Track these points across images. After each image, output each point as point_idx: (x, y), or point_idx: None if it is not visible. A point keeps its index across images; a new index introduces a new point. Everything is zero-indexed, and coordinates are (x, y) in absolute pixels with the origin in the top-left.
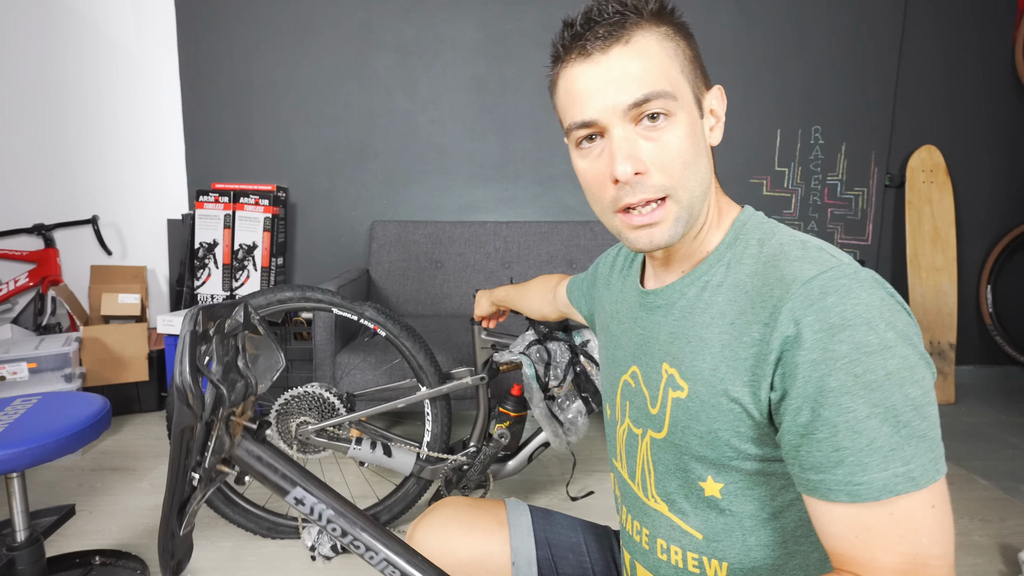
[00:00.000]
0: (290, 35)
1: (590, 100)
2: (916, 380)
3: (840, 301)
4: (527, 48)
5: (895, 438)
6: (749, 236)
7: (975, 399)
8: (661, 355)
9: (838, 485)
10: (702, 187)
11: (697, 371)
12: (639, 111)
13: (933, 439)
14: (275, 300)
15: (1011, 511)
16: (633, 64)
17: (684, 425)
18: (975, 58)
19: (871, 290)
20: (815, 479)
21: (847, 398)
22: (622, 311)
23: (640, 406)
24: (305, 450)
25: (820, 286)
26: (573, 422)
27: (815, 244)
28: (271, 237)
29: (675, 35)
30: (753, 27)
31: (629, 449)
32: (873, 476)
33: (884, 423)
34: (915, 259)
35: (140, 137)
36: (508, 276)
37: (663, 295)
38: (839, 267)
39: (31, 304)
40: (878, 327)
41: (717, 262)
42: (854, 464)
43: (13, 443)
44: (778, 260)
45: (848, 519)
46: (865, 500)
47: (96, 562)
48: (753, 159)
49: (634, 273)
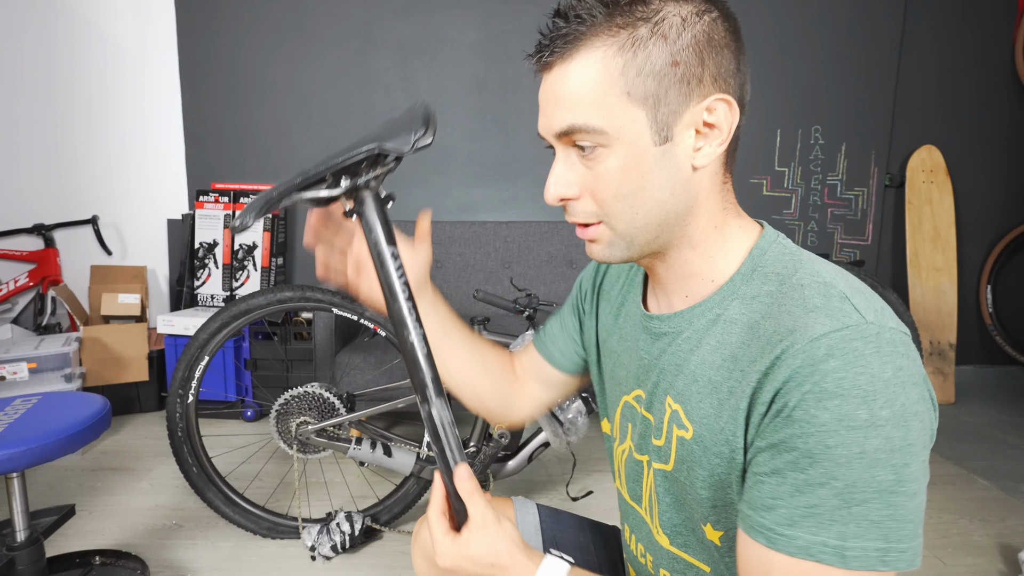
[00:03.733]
0: (290, 35)
1: (540, 114)
2: (893, 464)
3: (842, 367)
4: (527, 48)
5: (840, 512)
6: (768, 269)
7: (975, 399)
8: (666, 387)
9: (761, 526)
10: (647, 218)
11: (703, 415)
12: (568, 139)
13: (890, 530)
14: (275, 300)
15: (1011, 511)
16: (567, 86)
17: (689, 465)
18: (975, 58)
19: (886, 358)
20: (746, 511)
21: (807, 461)
22: (624, 327)
23: (643, 433)
24: (305, 450)
25: (827, 346)
26: (573, 422)
27: (839, 291)
28: (271, 237)
29: (646, 41)
30: (753, 27)
31: (630, 473)
32: (797, 533)
33: (835, 496)
34: (915, 259)
35: (140, 137)
36: (508, 276)
37: (669, 323)
38: (858, 326)
39: (31, 304)
40: (875, 403)
41: (731, 295)
42: (785, 516)
43: (13, 443)
44: (794, 307)
45: (758, 562)
46: (779, 550)
47: (96, 562)
48: (753, 159)
49: (636, 288)
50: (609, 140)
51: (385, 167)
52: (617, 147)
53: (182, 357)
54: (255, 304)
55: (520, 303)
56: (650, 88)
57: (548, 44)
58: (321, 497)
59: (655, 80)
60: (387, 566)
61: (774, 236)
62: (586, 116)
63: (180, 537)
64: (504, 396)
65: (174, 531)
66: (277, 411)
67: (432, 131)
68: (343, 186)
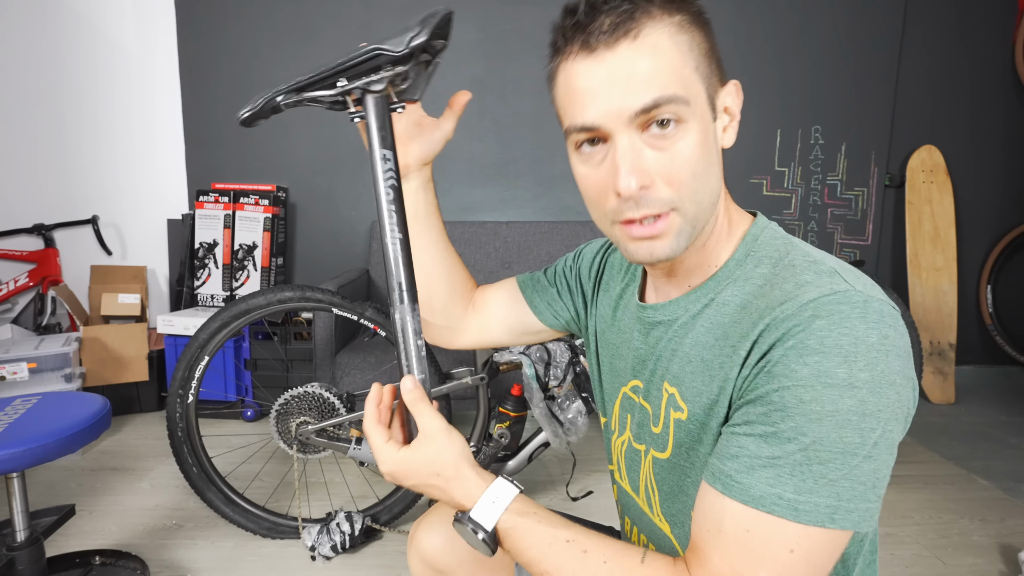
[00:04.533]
0: (290, 35)
1: (592, 102)
2: (861, 428)
3: (827, 326)
4: (527, 48)
5: (801, 468)
6: (761, 253)
7: (975, 399)
8: (662, 372)
9: (721, 472)
10: (711, 198)
11: (696, 393)
12: (647, 117)
13: (843, 489)
14: (275, 300)
15: (1011, 511)
16: (642, 63)
17: (688, 447)
18: (975, 58)
19: (872, 324)
20: (711, 461)
21: (779, 415)
22: (622, 320)
23: (641, 422)
24: (305, 450)
25: (814, 307)
26: (573, 422)
27: (829, 267)
28: (271, 237)
29: (690, 25)
30: (753, 27)
31: (630, 463)
32: (754, 482)
33: (799, 451)
34: (915, 259)
35: (140, 137)
36: (508, 276)
37: (664, 311)
38: (846, 292)
39: (31, 304)
40: (855, 363)
41: (726, 279)
42: (745, 465)
43: (13, 443)
44: (785, 284)
45: (711, 508)
46: (733, 497)
47: (96, 562)
48: (753, 159)
49: (635, 282)
50: (690, 113)
51: (391, 71)
52: (693, 122)
53: (182, 357)
54: (255, 304)
55: None
56: (703, 68)
57: (605, 24)
58: (321, 497)
59: (705, 60)
60: (387, 566)
61: (765, 223)
62: (672, 88)
63: (180, 537)
64: (452, 315)
65: (174, 531)
66: (277, 411)
67: (428, 30)
68: (339, 87)
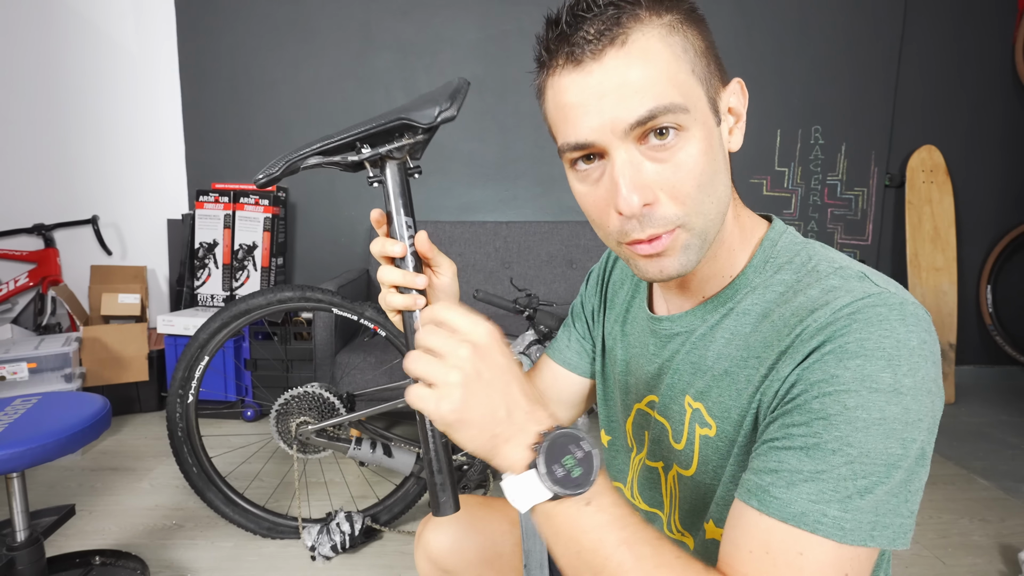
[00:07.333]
0: (290, 35)
1: (583, 118)
2: (904, 438)
3: (865, 327)
4: (527, 48)
5: (846, 483)
6: (781, 259)
7: (975, 399)
8: (683, 387)
9: (757, 488)
10: (719, 207)
11: (725, 408)
12: (644, 129)
13: (883, 505)
14: (275, 300)
15: (1011, 511)
16: (633, 71)
17: (716, 464)
18: (975, 58)
19: (911, 328)
20: (745, 477)
21: (821, 424)
22: (632, 334)
23: (658, 438)
24: (305, 450)
25: (849, 312)
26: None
27: (856, 271)
28: (271, 237)
29: (683, 25)
30: (753, 27)
31: (645, 481)
32: (795, 498)
33: (846, 464)
34: (915, 259)
35: (140, 137)
36: (508, 276)
37: (681, 322)
38: (881, 295)
39: (31, 304)
40: (899, 368)
41: (744, 287)
42: (786, 480)
43: (13, 443)
44: (811, 291)
45: (753, 528)
46: (771, 514)
47: (96, 562)
48: (753, 159)
49: (641, 293)
50: (690, 120)
51: (412, 139)
52: (695, 129)
53: (182, 357)
54: (255, 304)
55: (520, 303)
56: (700, 69)
57: (590, 32)
58: (321, 497)
59: (702, 60)
60: (387, 566)
61: (783, 227)
62: (669, 95)
63: (180, 537)
64: None
65: (174, 531)
66: (277, 411)
67: (457, 106)
68: (364, 154)
